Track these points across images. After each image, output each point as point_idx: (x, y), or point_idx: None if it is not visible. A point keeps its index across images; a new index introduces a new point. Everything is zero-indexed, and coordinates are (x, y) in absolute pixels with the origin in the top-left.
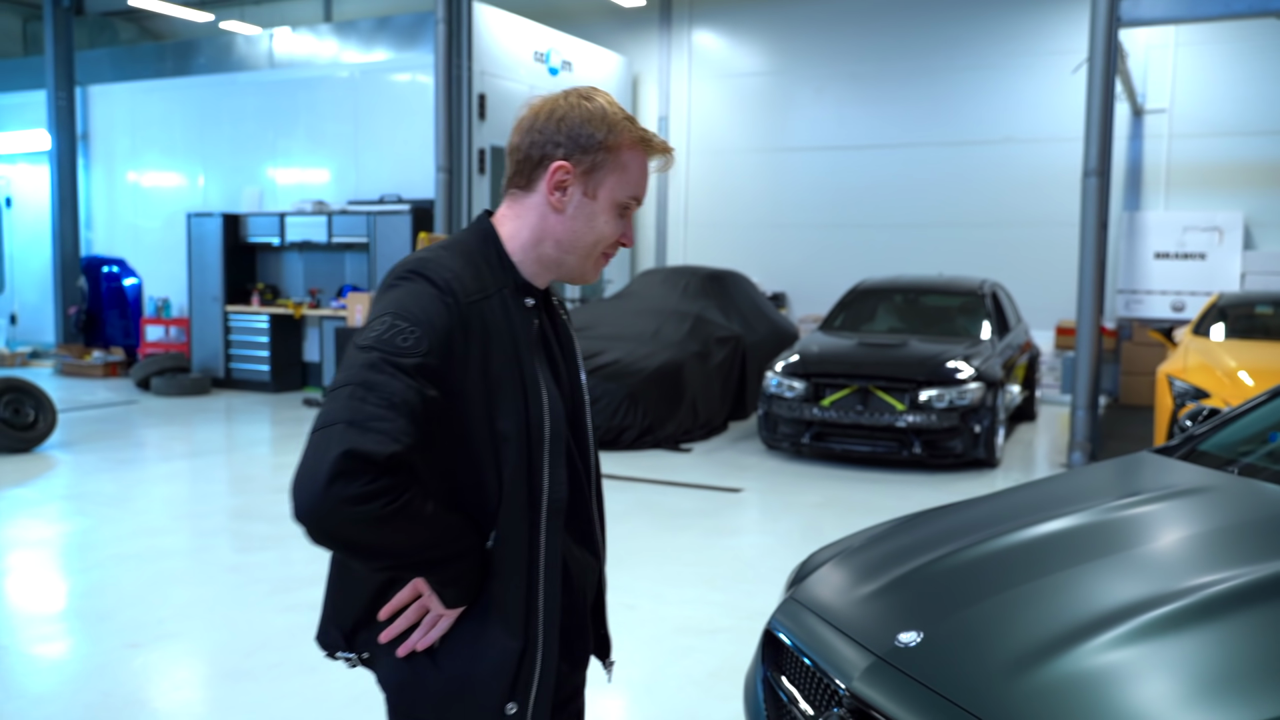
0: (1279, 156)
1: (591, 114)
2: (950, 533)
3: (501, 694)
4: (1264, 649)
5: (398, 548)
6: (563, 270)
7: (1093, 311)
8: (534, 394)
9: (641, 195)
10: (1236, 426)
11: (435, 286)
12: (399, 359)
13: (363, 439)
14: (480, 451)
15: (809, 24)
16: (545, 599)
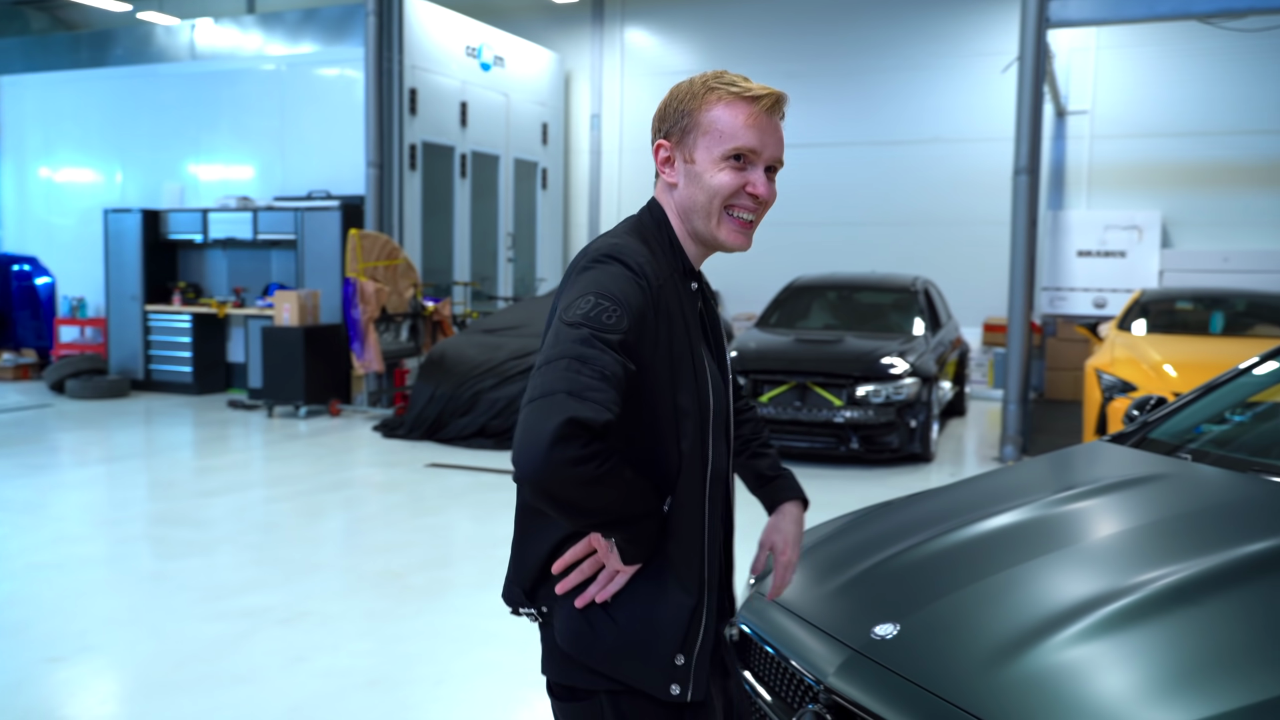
0: (1195, 158)
1: (679, 91)
2: (913, 525)
3: (674, 647)
4: (1227, 638)
5: (605, 506)
6: (701, 238)
7: (1024, 308)
8: (702, 373)
9: (748, 144)
10: (1185, 414)
11: (630, 270)
12: (606, 335)
13: (581, 407)
14: (663, 424)
15: (741, 23)
16: (708, 559)
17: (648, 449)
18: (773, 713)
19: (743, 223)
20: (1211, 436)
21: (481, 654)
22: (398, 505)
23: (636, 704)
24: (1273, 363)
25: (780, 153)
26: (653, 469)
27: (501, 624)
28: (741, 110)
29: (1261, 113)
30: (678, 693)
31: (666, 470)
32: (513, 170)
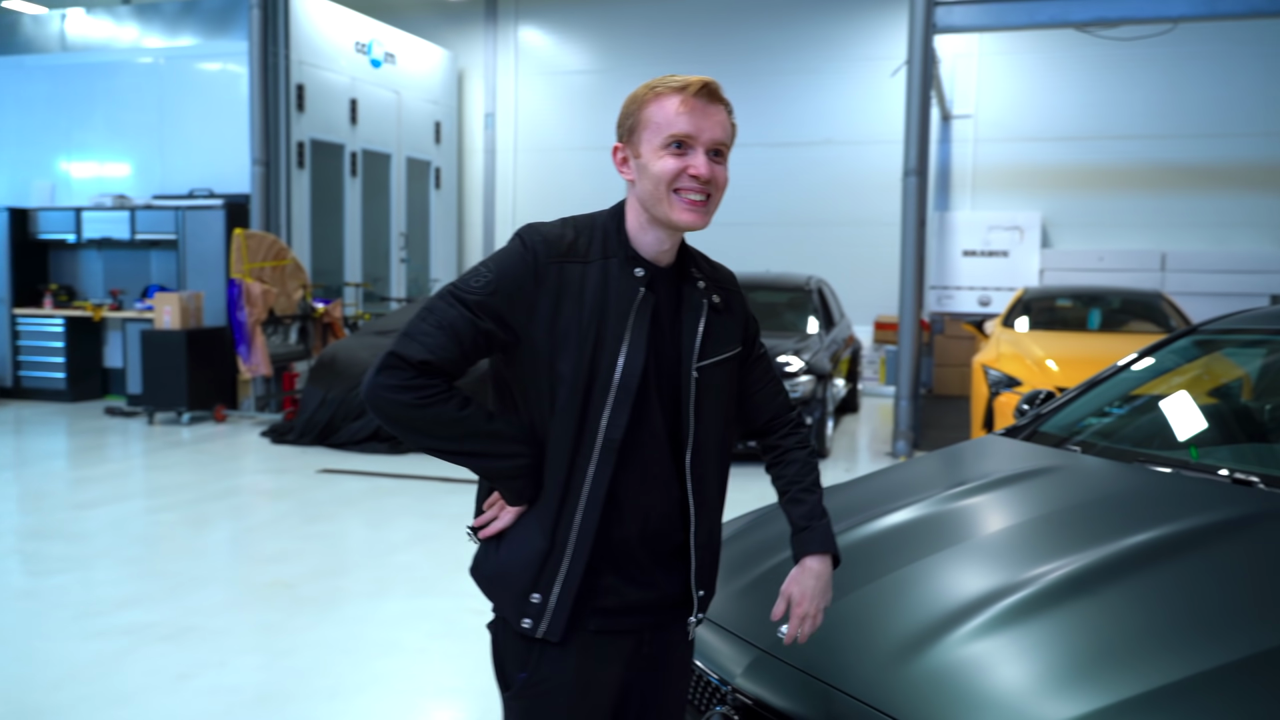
0: (1072, 161)
1: (627, 99)
2: None
3: (528, 583)
4: (1121, 627)
5: (428, 433)
6: (660, 222)
7: (914, 306)
8: (610, 347)
9: (683, 129)
10: (1072, 408)
11: (522, 244)
12: (462, 293)
13: (407, 345)
14: (542, 387)
15: (636, 24)
16: (583, 520)
17: (526, 404)
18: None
19: (692, 202)
20: (1097, 429)
21: (378, 665)
22: (288, 513)
23: (506, 630)
24: (1149, 358)
25: (721, 135)
26: (532, 423)
27: (399, 633)
28: (673, 100)
29: (1134, 118)
30: (528, 626)
31: (540, 427)
32: (405, 169)
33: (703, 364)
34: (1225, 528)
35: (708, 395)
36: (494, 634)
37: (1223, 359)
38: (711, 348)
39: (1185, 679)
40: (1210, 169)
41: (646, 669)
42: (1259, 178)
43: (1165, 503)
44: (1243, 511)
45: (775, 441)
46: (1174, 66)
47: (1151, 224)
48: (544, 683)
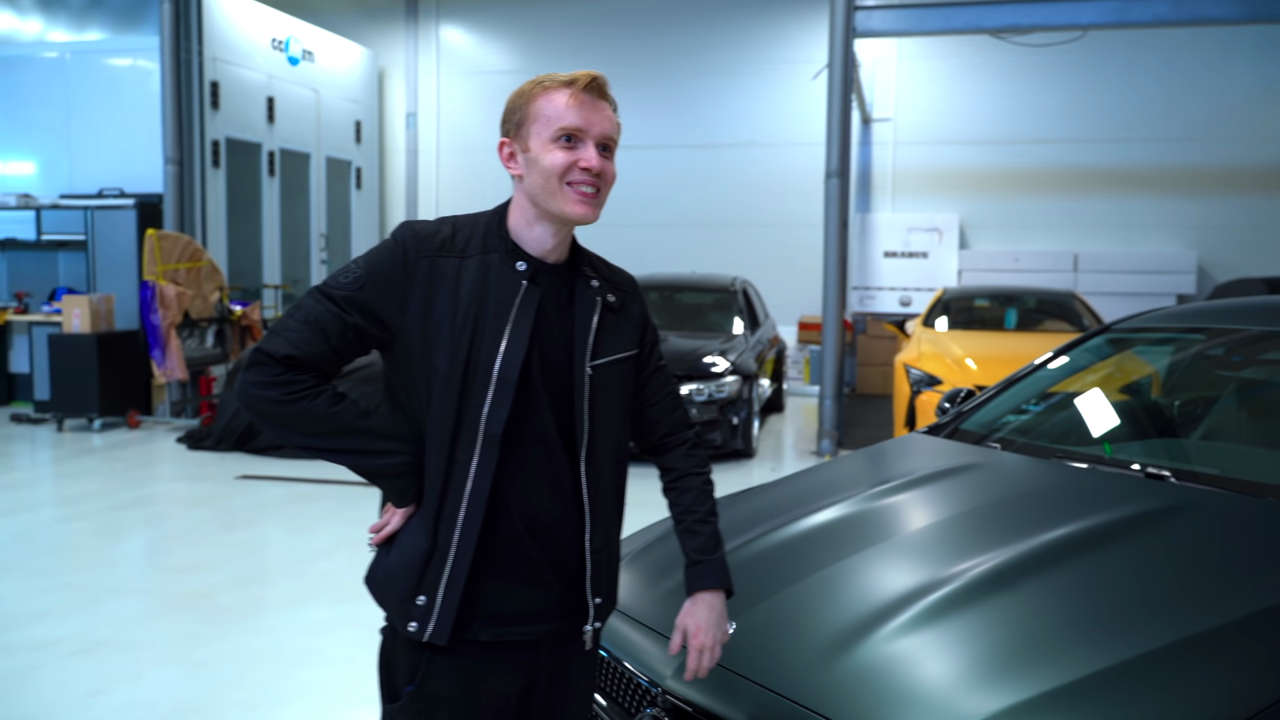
0: (989, 164)
1: (513, 95)
2: (741, 523)
3: (412, 585)
4: (1043, 620)
5: (298, 430)
6: (550, 216)
7: (837, 306)
8: (489, 340)
9: (573, 123)
10: (991, 405)
11: (394, 241)
12: (331, 289)
13: (272, 341)
14: (418, 381)
15: (559, 24)
16: (466, 515)
17: (407, 400)
18: (610, 718)
19: (583, 194)
20: (1015, 426)
21: (301, 675)
22: (205, 521)
23: (396, 640)
24: (1064, 357)
25: (609, 130)
26: (414, 420)
27: (322, 641)
28: (562, 94)
29: (1047, 123)
30: (414, 629)
31: (418, 421)
32: (325, 169)
33: (596, 362)
34: (1140, 521)
35: (602, 395)
36: (383, 643)
37: (1133, 357)
38: (605, 347)
39: (1105, 669)
40: (1119, 173)
41: (544, 684)
42: (1165, 181)
43: (1082, 497)
44: (1156, 505)
45: (672, 463)
46: (1085, 73)
47: (1064, 226)
48: (432, 695)
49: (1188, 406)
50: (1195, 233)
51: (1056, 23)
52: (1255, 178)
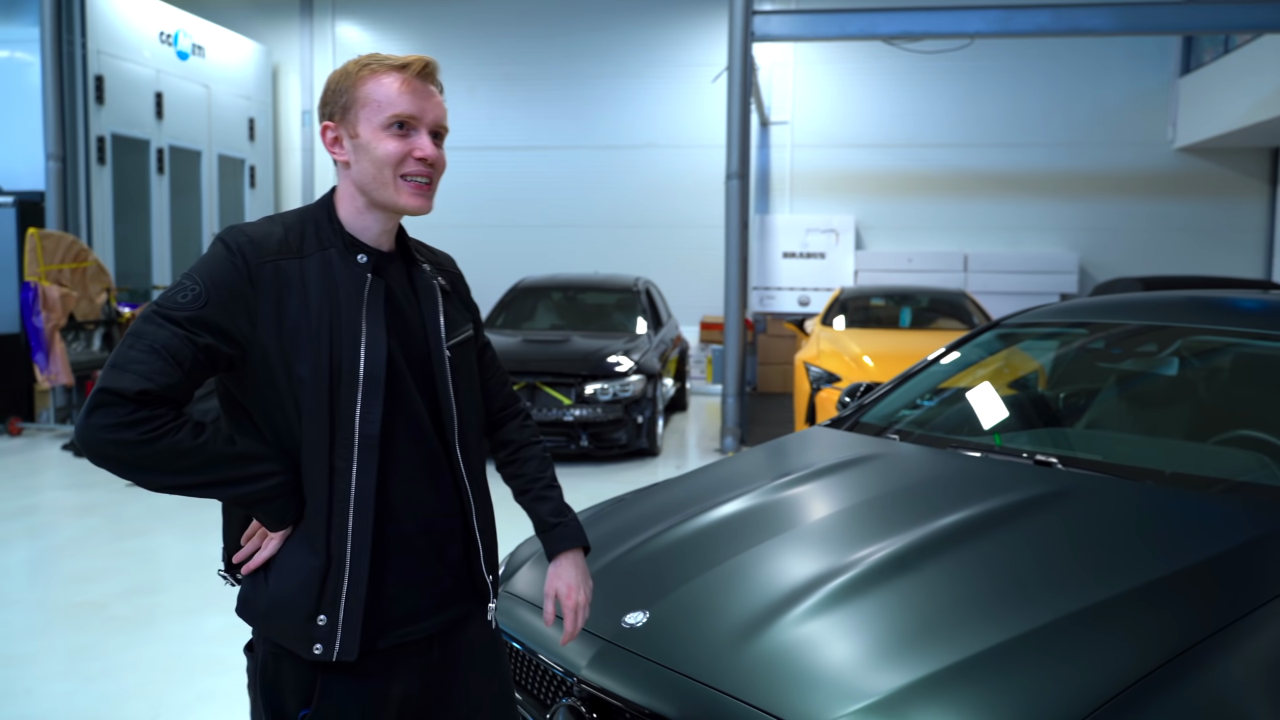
0: (883, 167)
1: (335, 75)
2: (650, 517)
3: (310, 606)
4: (942, 600)
5: (163, 470)
6: (385, 208)
7: (739, 306)
8: (348, 340)
9: (405, 109)
10: (890, 399)
11: (227, 249)
12: (171, 311)
13: (119, 378)
14: (282, 394)
15: (458, 22)
16: (355, 524)
17: (281, 418)
18: (525, 710)
19: (418, 185)
20: (913, 418)
21: (205, 683)
22: (96, 530)
23: (284, 663)
24: (956, 352)
25: (442, 117)
26: (278, 436)
27: (224, 649)
28: (394, 79)
29: (938, 128)
30: (319, 651)
31: (287, 438)
32: (217, 167)
33: (451, 343)
34: (1030, 504)
35: (460, 375)
36: (260, 666)
37: (1021, 352)
38: (452, 328)
39: (1004, 642)
40: (1006, 176)
41: (437, 674)
42: (1048, 185)
43: (976, 484)
44: (1045, 489)
45: (509, 435)
46: (972, 80)
47: (955, 227)
48: (334, 715)
49: (1072, 398)
50: (1076, 234)
51: (945, 30)
52: (1131, 182)
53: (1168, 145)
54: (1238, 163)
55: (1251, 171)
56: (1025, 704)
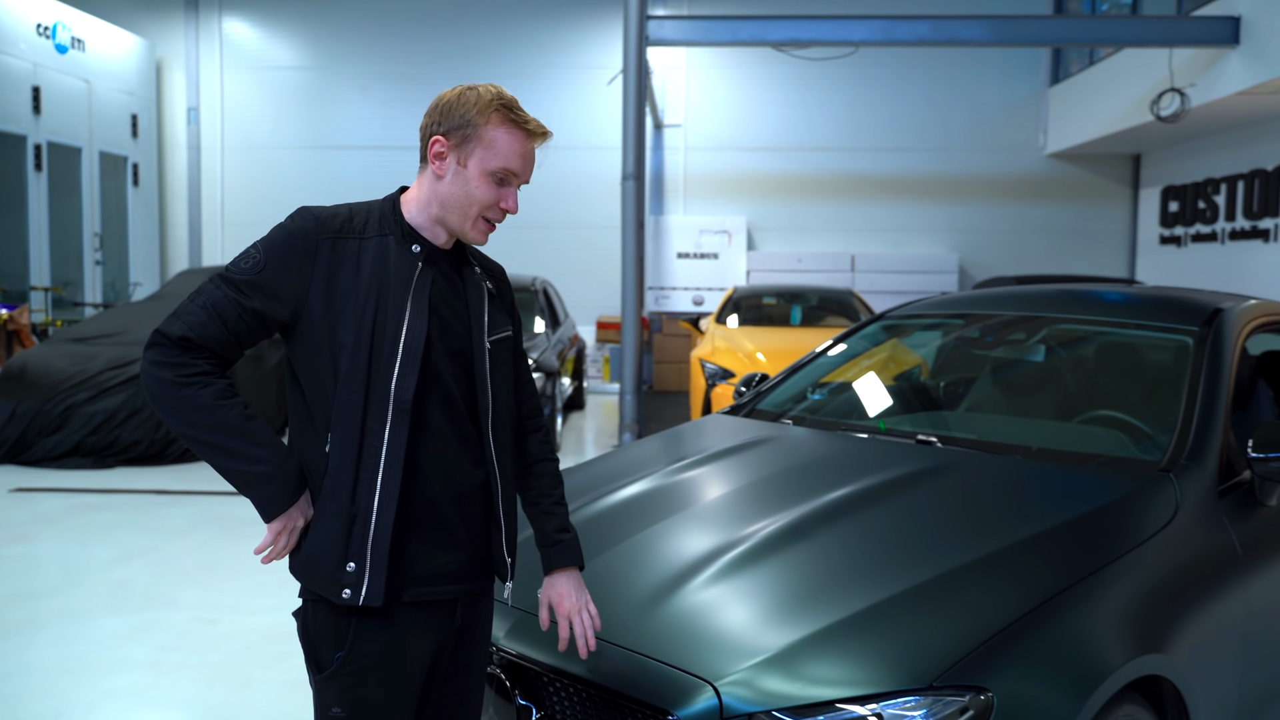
0: (773, 170)
1: (466, 99)
2: None
3: (340, 553)
4: (831, 564)
5: (182, 417)
6: (449, 227)
7: (636, 304)
8: (393, 315)
9: (515, 168)
10: (782, 388)
11: (295, 224)
12: (231, 274)
13: (170, 323)
14: (324, 361)
15: (350, 21)
16: (384, 479)
17: (310, 389)
18: None
19: (490, 226)
20: (806, 405)
21: (106, 682)
22: None
23: (321, 613)
24: (845, 343)
25: (530, 176)
26: (323, 400)
27: (125, 649)
28: (519, 139)
29: (826, 132)
30: (349, 595)
31: (325, 395)
32: (98, 164)
33: (491, 338)
34: (914, 478)
35: (497, 368)
36: (303, 620)
37: (904, 346)
38: (494, 326)
39: (894, 595)
40: (890, 179)
41: (455, 640)
42: (929, 188)
43: (864, 461)
44: (926, 465)
45: (530, 447)
46: (857, 87)
47: (842, 229)
48: (361, 658)
49: (951, 383)
50: (956, 236)
51: (832, 39)
52: (1006, 186)
53: (1039, 151)
54: (1103, 168)
55: (1115, 176)
56: (908, 650)
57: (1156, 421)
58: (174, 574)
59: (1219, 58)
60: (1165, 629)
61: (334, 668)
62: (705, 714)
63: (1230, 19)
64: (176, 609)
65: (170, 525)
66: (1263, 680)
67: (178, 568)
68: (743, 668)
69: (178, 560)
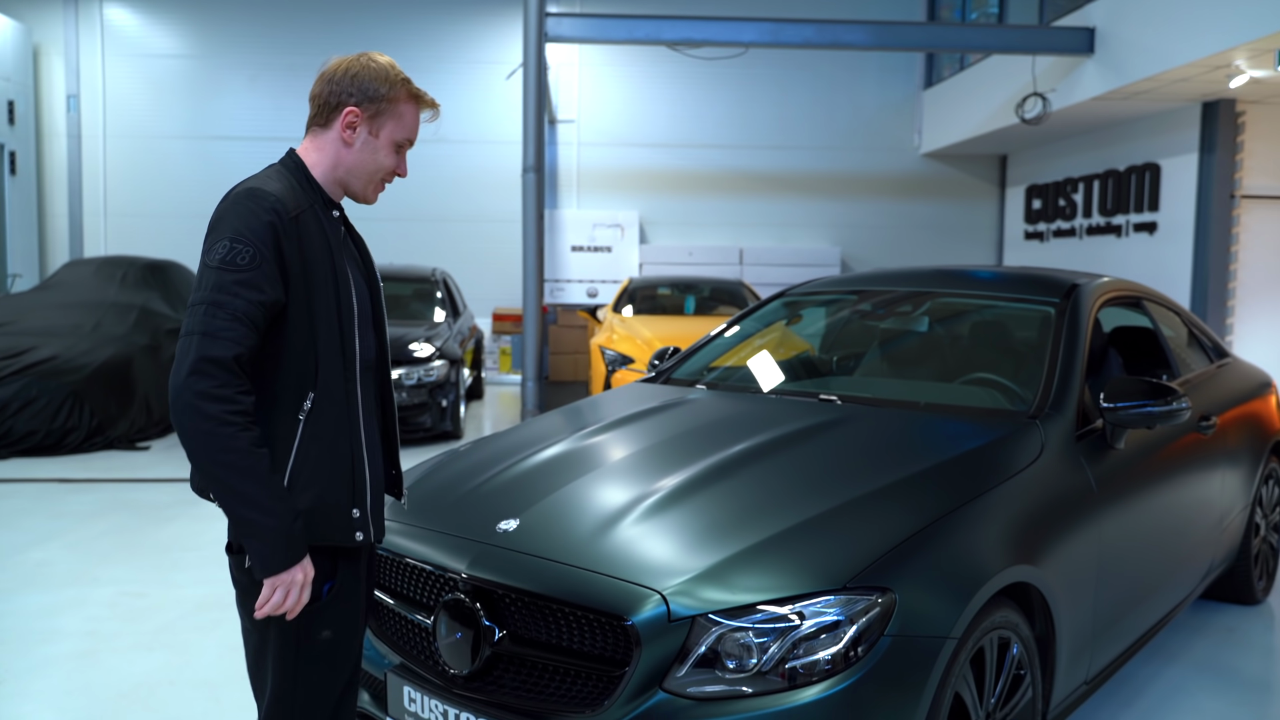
0: (664, 166)
1: (374, 72)
2: (497, 456)
3: (347, 502)
4: (748, 499)
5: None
6: (351, 190)
7: (537, 293)
8: (344, 281)
9: (413, 138)
10: (690, 361)
11: (262, 209)
12: (239, 273)
13: (211, 346)
14: (301, 328)
15: (237, 11)
16: (366, 431)
17: (298, 348)
18: (411, 613)
19: (383, 188)
20: (717, 374)
21: (42, 650)
22: None
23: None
24: (751, 318)
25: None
26: (299, 368)
27: (58, 621)
28: (418, 112)
29: (715, 129)
30: (360, 539)
31: (305, 364)
32: None
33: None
34: (819, 428)
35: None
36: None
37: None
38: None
39: (800, 522)
40: (776, 176)
41: (370, 557)
42: (813, 185)
43: (775, 416)
44: (830, 417)
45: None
46: (745, 86)
47: (731, 223)
48: (347, 588)
49: (848, 351)
50: (838, 231)
51: (723, 39)
52: (884, 184)
53: (914, 151)
54: (973, 167)
55: (984, 176)
56: (822, 560)
57: (1025, 380)
58: (92, 555)
59: (1076, 65)
60: (1034, 547)
61: (326, 599)
62: (654, 619)
63: (1086, 30)
64: (101, 585)
65: (79, 511)
66: (1114, 597)
67: (95, 549)
68: (683, 580)
69: (93, 543)
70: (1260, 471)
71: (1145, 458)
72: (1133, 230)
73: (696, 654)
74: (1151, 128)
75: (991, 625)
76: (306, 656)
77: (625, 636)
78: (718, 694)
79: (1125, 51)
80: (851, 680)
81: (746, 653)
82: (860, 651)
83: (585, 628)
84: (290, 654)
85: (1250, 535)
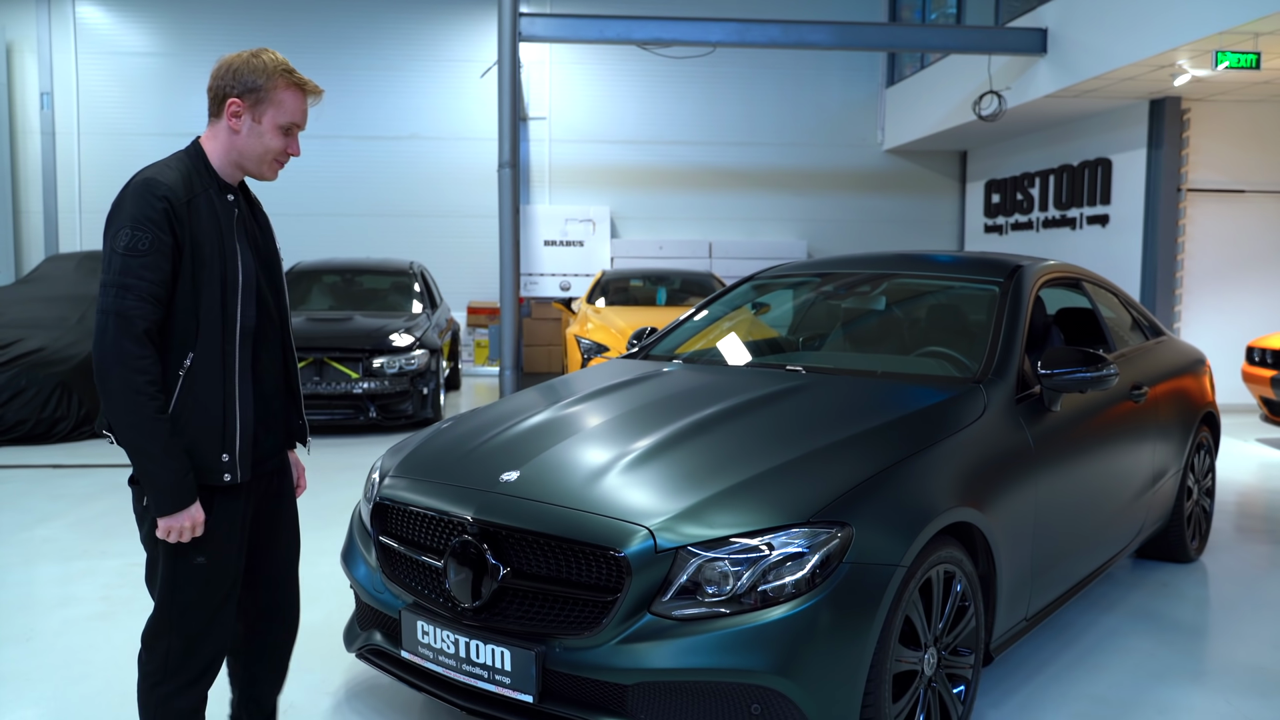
0: (635, 162)
1: (254, 66)
2: (495, 421)
3: (217, 446)
4: (723, 451)
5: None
6: (247, 170)
7: (513, 285)
8: (231, 258)
9: (299, 121)
10: (666, 340)
11: (155, 195)
12: (141, 256)
13: (130, 325)
14: (186, 297)
15: (209, 8)
16: (240, 389)
17: (183, 314)
18: (421, 555)
19: (280, 165)
20: (693, 351)
21: (65, 612)
22: None
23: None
24: (722, 300)
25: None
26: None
27: (74, 588)
28: (301, 98)
29: (684, 126)
30: (229, 479)
31: (187, 328)
32: None
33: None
34: (787, 392)
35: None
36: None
37: (762, 323)
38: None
39: (772, 467)
40: (743, 172)
41: (271, 500)
42: (779, 180)
43: (746, 383)
44: (797, 384)
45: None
46: (713, 84)
47: (700, 218)
48: (224, 521)
49: (812, 330)
50: (804, 225)
51: (692, 39)
52: (848, 179)
53: (877, 147)
54: (934, 163)
55: (945, 171)
56: (789, 498)
57: (971, 352)
58: (95, 531)
59: (1030, 65)
60: (978, 494)
61: (203, 531)
62: (643, 551)
63: (1039, 30)
64: (109, 557)
65: (77, 493)
66: (1051, 544)
67: (97, 526)
68: (667, 517)
69: (95, 521)
70: (1192, 440)
71: (1081, 421)
72: (1086, 223)
73: (679, 582)
74: (1102, 124)
75: (938, 560)
76: (184, 575)
77: (617, 567)
78: (698, 614)
79: (1075, 51)
80: (814, 601)
81: (723, 579)
82: (822, 577)
83: (582, 561)
84: (170, 572)
85: (1183, 498)
